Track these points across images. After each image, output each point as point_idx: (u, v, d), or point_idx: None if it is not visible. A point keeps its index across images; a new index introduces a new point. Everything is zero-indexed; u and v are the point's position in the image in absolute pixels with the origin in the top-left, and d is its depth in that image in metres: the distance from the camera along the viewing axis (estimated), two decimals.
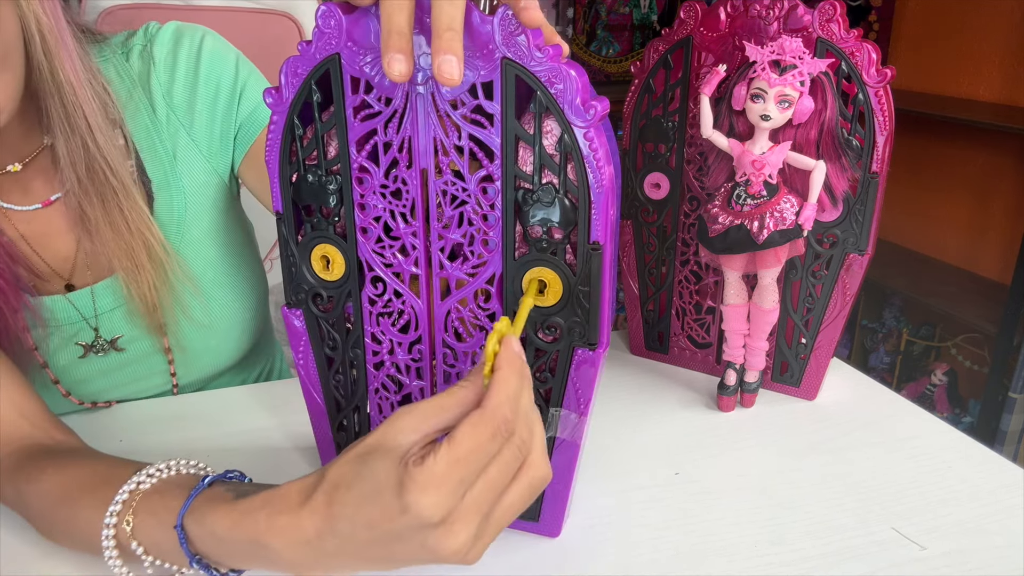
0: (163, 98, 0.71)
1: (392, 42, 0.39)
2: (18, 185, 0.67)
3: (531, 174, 0.45)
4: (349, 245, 0.50)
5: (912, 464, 0.63)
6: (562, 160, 0.44)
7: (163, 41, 0.72)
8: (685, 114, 0.71)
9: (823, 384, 0.73)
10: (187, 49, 0.73)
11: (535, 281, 0.46)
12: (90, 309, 0.70)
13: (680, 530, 0.55)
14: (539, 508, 0.54)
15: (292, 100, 0.47)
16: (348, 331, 0.53)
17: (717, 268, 0.71)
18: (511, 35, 0.41)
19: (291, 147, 0.48)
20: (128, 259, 0.66)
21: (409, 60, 0.39)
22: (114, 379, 0.73)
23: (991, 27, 1.96)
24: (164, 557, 0.46)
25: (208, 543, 0.44)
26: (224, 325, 0.77)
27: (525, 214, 0.45)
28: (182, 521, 0.44)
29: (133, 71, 0.71)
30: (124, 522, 0.46)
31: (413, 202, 0.47)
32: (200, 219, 0.74)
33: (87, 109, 0.62)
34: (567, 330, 0.47)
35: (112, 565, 0.47)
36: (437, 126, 0.45)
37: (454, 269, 0.48)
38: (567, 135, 0.43)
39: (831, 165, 0.63)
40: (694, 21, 0.69)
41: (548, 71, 0.42)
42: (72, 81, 0.61)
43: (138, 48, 0.72)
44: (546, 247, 0.46)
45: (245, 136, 0.75)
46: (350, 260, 0.50)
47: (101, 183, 0.64)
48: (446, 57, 0.38)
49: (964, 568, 0.51)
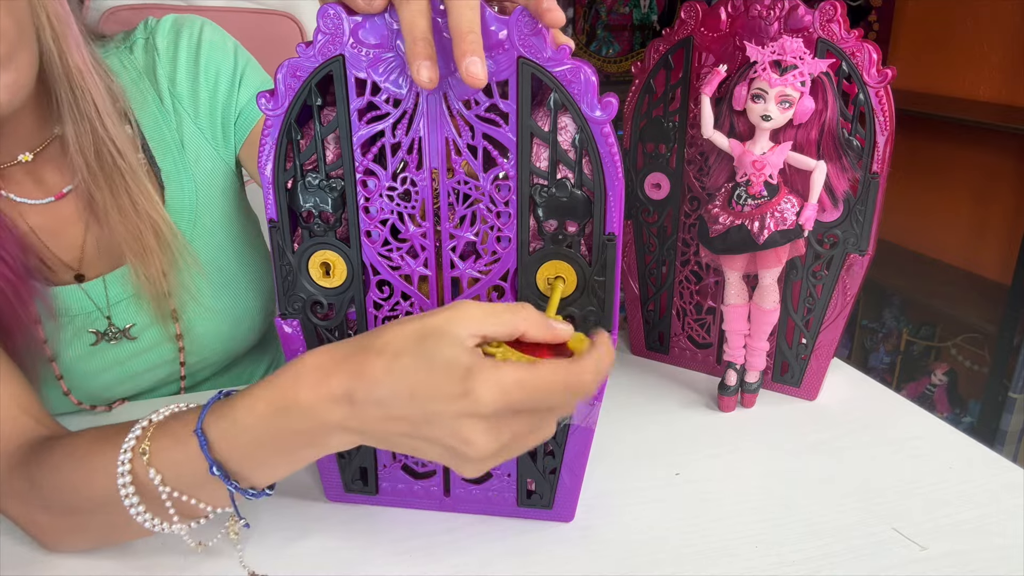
0: (168, 88, 0.73)
1: (419, 49, 0.40)
2: (30, 177, 0.67)
3: (546, 170, 0.46)
4: (352, 250, 0.49)
5: (912, 464, 0.63)
6: (578, 155, 0.45)
7: (163, 32, 0.74)
8: (686, 114, 0.71)
9: (823, 384, 0.73)
10: (187, 39, 0.74)
11: (556, 275, 0.48)
12: (103, 298, 0.70)
13: (680, 530, 0.55)
14: (552, 496, 0.54)
15: (291, 103, 0.46)
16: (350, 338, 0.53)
17: (718, 268, 0.71)
18: (527, 35, 0.42)
19: (287, 152, 0.47)
20: (137, 242, 0.67)
21: (435, 66, 0.40)
22: (123, 371, 0.74)
23: (991, 27, 1.96)
24: (182, 483, 0.45)
25: (230, 440, 0.44)
26: (236, 311, 0.78)
27: (542, 209, 0.46)
28: (201, 425, 0.44)
29: (138, 63, 0.73)
30: (140, 452, 0.45)
31: (423, 203, 0.47)
32: (211, 207, 0.75)
33: (95, 94, 0.63)
34: (582, 319, 0.48)
35: (129, 505, 0.46)
36: (449, 126, 0.45)
37: (467, 267, 0.49)
38: (584, 131, 0.44)
39: (832, 165, 0.63)
40: (695, 21, 0.69)
41: (566, 70, 0.43)
42: (80, 66, 0.62)
43: (140, 41, 0.73)
44: (562, 240, 0.47)
45: (245, 122, 0.76)
46: (353, 265, 0.50)
47: (109, 167, 0.65)
48: (472, 59, 0.39)
49: (965, 568, 0.51)
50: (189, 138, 0.73)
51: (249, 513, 0.56)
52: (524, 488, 0.55)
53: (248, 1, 1.15)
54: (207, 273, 0.74)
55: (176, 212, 0.72)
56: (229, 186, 0.77)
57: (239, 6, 1.14)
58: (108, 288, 0.70)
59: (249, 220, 0.82)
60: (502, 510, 0.56)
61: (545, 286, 0.48)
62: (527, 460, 0.54)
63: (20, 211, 0.67)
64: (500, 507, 0.56)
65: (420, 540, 0.54)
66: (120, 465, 0.46)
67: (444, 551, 0.53)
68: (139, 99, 0.71)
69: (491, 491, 0.55)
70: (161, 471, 0.45)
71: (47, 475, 0.50)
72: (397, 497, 0.57)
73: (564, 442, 0.53)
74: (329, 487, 0.57)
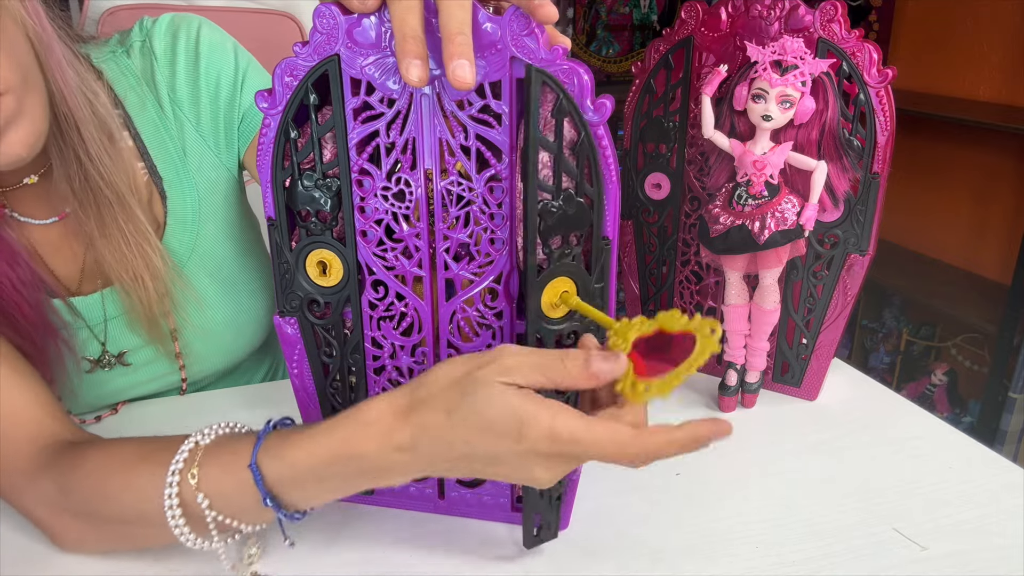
0: (168, 94, 0.71)
1: (408, 47, 0.39)
2: (37, 198, 0.66)
3: (551, 183, 0.45)
4: (348, 249, 0.49)
5: (913, 464, 0.63)
6: (579, 162, 0.44)
7: (160, 34, 0.72)
8: (686, 114, 0.71)
9: (824, 384, 0.73)
10: (184, 41, 0.72)
11: (562, 293, 0.47)
12: (99, 313, 0.69)
13: (681, 531, 0.55)
14: None
15: (287, 103, 0.46)
16: (346, 337, 0.52)
17: (718, 268, 0.71)
18: (519, 35, 0.42)
19: (285, 151, 0.47)
20: (128, 273, 0.66)
21: (426, 65, 0.40)
22: (120, 392, 0.73)
23: (991, 27, 1.96)
24: (229, 509, 0.46)
25: (286, 480, 0.45)
26: (238, 321, 0.77)
27: (551, 227, 0.45)
28: (256, 459, 0.45)
29: (136, 68, 0.71)
30: (188, 476, 0.46)
31: (417, 204, 0.47)
32: (214, 215, 0.74)
33: (78, 117, 0.61)
34: (583, 328, 0.48)
35: (175, 526, 0.47)
36: (443, 127, 0.45)
37: (460, 269, 0.48)
38: (586, 135, 0.43)
39: (832, 165, 0.63)
40: (695, 21, 0.68)
41: (560, 71, 0.42)
42: (62, 90, 0.59)
43: (137, 44, 0.71)
44: (567, 254, 0.46)
45: (249, 126, 0.75)
46: (349, 264, 0.50)
47: (95, 196, 0.63)
48: (459, 62, 0.39)
49: (965, 569, 0.51)
50: (191, 145, 0.72)
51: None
52: (516, 493, 0.55)
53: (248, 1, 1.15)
54: (209, 286, 0.73)
55: (179, 222, 0.71)
56: (231, 192, 0.76)
57: (239, 6, 1.14)
58: (105, 302, 0.69)
59: (250, 224, 0.81)
60: (496, 515, 0.55)
61: (550, 308, 0.47)
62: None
63: (26, 231, 0.66)
64: (494, 511, 0.55)
65: (415, 541, 0.54)
66: (167, 487, 0.46)
67: (441, 553, 0.53)
68: (138, 106, 0.70)
69: (485, 495, 0.55)
70: (209, 496, 0.46)
71: (80, 481, 0.50)
72: (392, 498, 0.57)
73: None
74: None
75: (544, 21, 0.41)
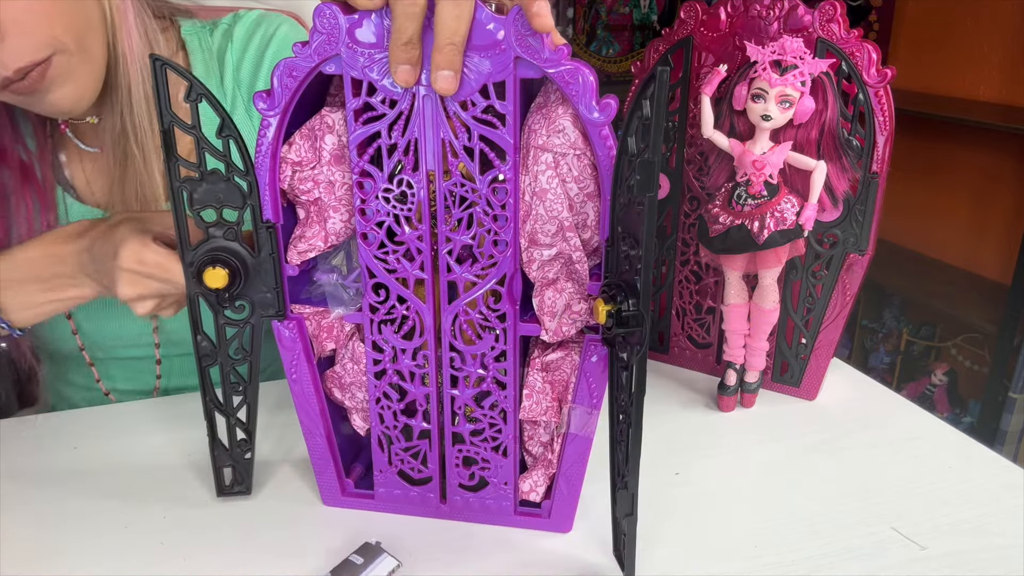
0: (232, 73, 0.77)
1: (399, 54, 0.41)
2: (95, 134, 0.73)
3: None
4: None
5: (912, 464, 0.63)
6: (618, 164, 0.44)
7: (245, 23, 0.79)
8: (685, 114, 0.71)
9: (823, 384, 0.73)
10: (262, 33, 0.79)
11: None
12: None
13: (680, 530, 0.55)
14: (551, 505, 0.54)
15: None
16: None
17: (717, 268, 0.71)
18: (524, 35, 0.41)
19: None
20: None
21: (416, 69, 0.42)
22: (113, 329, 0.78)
23: (991, 27, 1.96)
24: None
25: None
26: None
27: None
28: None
29: (213, 45, 0.77)
30: None
31: (419, 205, 0.47)
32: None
33: (133, 82, 0.66)
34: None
35: None
36: (446, 128, 0.45)
37: (463, 271, 0.48)
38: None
39: (831, 165, 0.63)
40: (694, 21, 0.69)
41: (564, 71, 0.42)
42: (125, 56, 0.65)
43: (223, 27, 0.79)
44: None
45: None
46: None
47: (124, 151, 0.69)
48: (443, 73, 0.41)
49: (964, 568, 0.51)
50: (239, 124, 0.74)
51: (248, 518, 0.56)
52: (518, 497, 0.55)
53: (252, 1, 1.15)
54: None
55: None
56: None
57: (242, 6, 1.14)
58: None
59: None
60: (499, 519, 0.55)
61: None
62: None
63: (81, 158, 0.74)
64: (497, 515, 0.55)
65: (416, 546, 0.54)
66: None
67: (440, 558, 0.53)
68: (203, 77, 0.76)
69: (488, 499, 0.55)
70: None
71: None
72: (393, 503, 0.56)
73: (562, 451, 0.52)
74: (326, 493, 0.57)
75: (540, 31, 0.41)
